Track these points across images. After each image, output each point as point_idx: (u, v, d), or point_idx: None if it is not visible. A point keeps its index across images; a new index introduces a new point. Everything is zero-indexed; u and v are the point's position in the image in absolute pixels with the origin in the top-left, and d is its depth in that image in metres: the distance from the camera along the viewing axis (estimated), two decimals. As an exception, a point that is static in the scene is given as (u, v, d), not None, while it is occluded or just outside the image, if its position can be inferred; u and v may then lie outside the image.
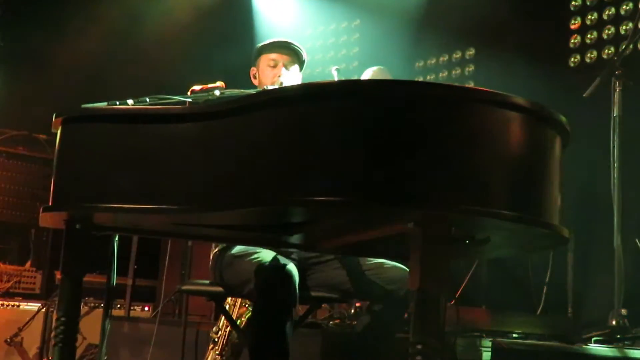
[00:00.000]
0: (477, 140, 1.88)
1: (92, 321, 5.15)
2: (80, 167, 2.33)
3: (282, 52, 3.28)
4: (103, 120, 2.35)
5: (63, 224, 2.45)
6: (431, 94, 1.90)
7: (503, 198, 1.91)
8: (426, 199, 1.83)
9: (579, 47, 5.49)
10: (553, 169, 2.05)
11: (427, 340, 1.90)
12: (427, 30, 6.21)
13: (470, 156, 1.86)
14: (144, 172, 2.22)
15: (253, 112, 2.03)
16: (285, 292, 2.65)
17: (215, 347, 3.56)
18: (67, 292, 2.48)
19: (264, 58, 3.30)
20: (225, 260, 2.94)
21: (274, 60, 3.27)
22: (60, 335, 2.42)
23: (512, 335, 4.17)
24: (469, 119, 1.88)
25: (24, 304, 5.56)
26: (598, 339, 3.38)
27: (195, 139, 2.15)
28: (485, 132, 1.90)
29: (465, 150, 1.86)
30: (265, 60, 3.29)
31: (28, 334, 5.39)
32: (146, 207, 2.19)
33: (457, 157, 1.85)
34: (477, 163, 1.87)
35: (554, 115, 2.04)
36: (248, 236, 2.65)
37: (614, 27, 5.33)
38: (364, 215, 2.07)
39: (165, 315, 5.34)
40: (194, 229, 2.63)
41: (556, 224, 2.04)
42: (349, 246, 2.69)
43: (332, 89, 1.98)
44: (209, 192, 2.08)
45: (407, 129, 1.85)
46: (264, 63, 3.30)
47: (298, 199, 1.90)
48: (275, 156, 1.95)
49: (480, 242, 2.17)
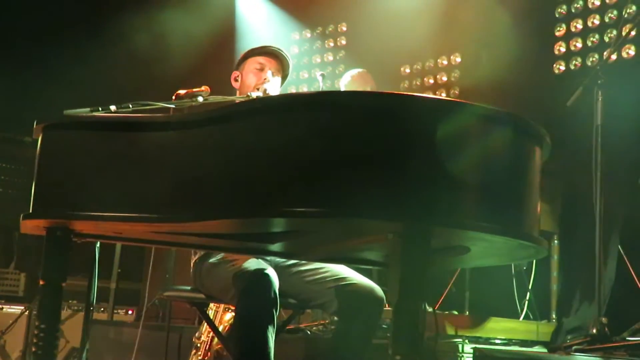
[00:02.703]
0: (456, 152, 1.89)
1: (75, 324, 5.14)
2: (61, 174, 2.33)
3: (270, 58, 3.23)
4: (84, 127, 2.35)
5: (44, 230, 2.44)
6: (410, 106, 1.91)
7: (482, 210, 1.92)
8: (404, 210, 1.84)
9: (564, 55, 5.52)
10: (532, 180, 2.06)
11: (405, 350, 1.91)
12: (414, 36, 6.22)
13: (448, 168, 1.87)
14: (124, 180, 2.22)
15: (233, 122, 2.03)
16: (265, 296, 2.64)
17: (198, 353, 3.55)
18: (48, 299, 2.47)
19: (251, 61, 3.24)
20: (205, 268, 2.93)
21: (262, 64, 3.21)
22: (39, 343, 2.41)
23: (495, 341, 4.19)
24: (447, 130, 1.88)
25: (7, 307, 5.53)
26: (578, 347, 3.39)
27: (175, 147, 2.15)
28: (463, 144, 1.91)
29: (444, 162, 1.87)
30: (252, 62, 3.23)
31: (11, 337, 5.37)
32: (126, 216, 2.19)
33: (435, 168, 1.86)
34: (455, 175, 1.88)
35: (533, 127, 2.05)
36: (229, 244, 2.64)
37: (598, 34, 5.36)
38: (343, 226, 2.07)
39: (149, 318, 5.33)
40: (176, 237, 2.62)
41: (535, 236, 2.05)
42: (330, 254, 2.69)
43: (309, 100, 1.99)
44: (188, 201, 2.08)
45: (384, 141, 1.86)
46: (249, 66, 3.23)
47: (277, 210, 1.91)
48: (254, 166, 1.96)
49: (460, 252, 2.18)
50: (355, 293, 2.83)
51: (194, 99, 2.99)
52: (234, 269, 2.74)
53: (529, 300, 4.85)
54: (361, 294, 2.83)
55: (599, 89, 3.75)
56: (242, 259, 2.79)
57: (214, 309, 3.51)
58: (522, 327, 4.66)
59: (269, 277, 2.66)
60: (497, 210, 1.94)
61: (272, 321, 2.67)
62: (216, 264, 2.89)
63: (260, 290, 2.66)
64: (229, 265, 2.79)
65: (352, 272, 2.91)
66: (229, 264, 2.80)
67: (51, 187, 2.35)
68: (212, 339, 3.51)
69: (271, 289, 2.65)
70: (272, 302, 2.65)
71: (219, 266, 2.87)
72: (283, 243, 2.51)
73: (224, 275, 2.77)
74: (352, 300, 2.82)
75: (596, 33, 5.38)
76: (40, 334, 2.41)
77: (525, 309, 4.84)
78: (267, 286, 2.64)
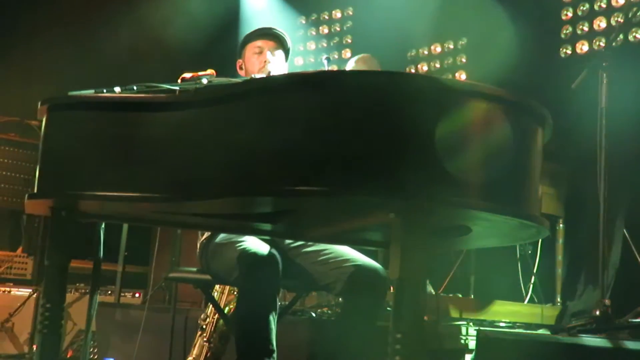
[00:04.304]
0: (457, 131, 1.89)
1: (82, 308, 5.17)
2: (65, 154, 2.33)
3: (266, 39, 3.30)
4: (88, 107, 2.35)
5: (49, 211, 2.46)
6: (411, 85, 1.91)
7: (483, 189, 1.92)
8: (405, 189, 1.85)
9: (570, 38, 5.50)
10: (534, 161, 2.06)
11: (407, 329, 1.92)
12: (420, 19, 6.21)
13: (450, 147, 1.87)
14: (128, 160, 2.23)
15: (236, 102, 2.04)
16: (268, 276, 2.66)
17: (203, 334, 3.57)
18: (53, 279, 2.48)
19: (250, 47, 3.32)
20: (211, 248, 2.95)
21: (259, 47, 3.28)
22: (45, 322, 2.43)
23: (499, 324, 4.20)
24: (449, 110, 1.88)
25: (15, 290, 5.57)
26: (582, 329, 3.40)
27: (181, 127, 2.16)
28: (465, 123, 1.91)
29: (445, 141, 1.87)
30: (251, 48, 3.31)
31: (19, 320, 5.41)
32: (130, 195, 2.20)
33: (436, 147, 1.86)
34: (456, 154, 1.88)
35: (536, 107, 2.05)
36: (233, 225, 2.66)
37: (605, 18, 5.34)
38: (345, 205, 2.08)
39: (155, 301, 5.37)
40: (180, 217, 2.64)
41: (536, 215, 2.06)
42: (334, 235, 2.70)
43: (314, 79, 1.99)
44: (192, 180, 2.09)
45: (386, 120, 1.86)
46: (249, 52, 3.32)
47: (280, 189, 1.92)
48: (258, 145, 1.96)
49: (461, 233, 2.19)
50: (359, 274, 2.83)
51: (199, 81, 3.01)
52: (240, 249, 2.76)
53: (533, 284, 4.86)
54: (365, 275, 2.83)
55: (604, 71, 3.73)
56: (248, 239, 2.81)
57: (219, 291, 3.53)
58: (527, 311, 4.67)
59: (273, 257, 2.68)
60: (497, 189, 1.93)
61: (275, 302, 2.69)
62: (222, 244, 2.91)
63: (263, 272, 2.68)
64: (235, 246, 2.81)
65: (356, 253, 2.92)
66: (235, 245, 2.82)
67: (56, 166, 2.36)
68: (217, 321, 3.53)
69: (274, 269, 2.67)
70: (275, 281, 2.67)
71: (224, 246, 2.88)
72: (287, 224, 2.53)
73: (230, 255, 2.79)
74: (356, 281, 2.83)
75: (603, 17, 5.36)
76: (46, 313, 2.43)
77: (530, 293, 4.85)
78: (271, 266, 2.66)
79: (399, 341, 1.91)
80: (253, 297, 2.67)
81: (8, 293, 5.55)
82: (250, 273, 2.67)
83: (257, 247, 2.74)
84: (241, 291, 2.75)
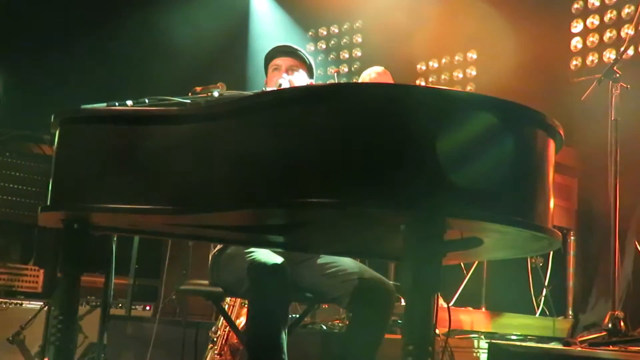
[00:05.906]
0: (469, 144, 1.89)
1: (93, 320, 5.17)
2: (78, 167, 2.35)
3: (283, 56, 3.30)
4: (101, 121, 2.38)
5: (61, 223, 2.47)
6: (422, 98, 1.92)
7: (494, 200, 1.92)
8: (417, 201, 1.85)
9: (580, 50, 5.50)
10: (545, 172, 2.06)
11: (418, 341, 1.92)
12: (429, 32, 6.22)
13: (461, 159, 1.87)
14: (140, 172, 2.24)
15: (247, 114, 2.05)
16: (277, 286, 2.67)
17: (214, 347, 3.58)
18: (65, 291, 2.49)
19: (270, 65, 3.33)
20: (222, 259, 2.97)
21: (277, 65, 3.29)
22: (57, 334, 2.44)
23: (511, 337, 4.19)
24: (460, 122, 1.89)
25: (26, 303, 5.58)
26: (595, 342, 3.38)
27: (191, 140, 2.17)
28: (476, 135, 1.91)
29: (457, 154, 1.87)
30: (271, 66, 3.32)
31: (30, 333, 5.40)
32: (142, 208, 2.21)
33: (448, 160, 1.86)
34: (468, 166, 1.88)
35: (548, 120, 2.05)
36: (245, 237, 2.67)
37: (615, 30, 5.34)
38: (357, 217, 2.08)
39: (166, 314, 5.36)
40: (192, 229, 2.65)
41: (548, 227, 2.05)
42: (346, 247, 2.70)
43: (324, 92, 1.99)
44: (204, 193, 2.09)
45: (397, 132, 1.87)
46: (270, 70, 3.33)
47: (292, 201, 1.92)
48: (270, 158, 1.97)
49: (473, 244, 2.19)
50: (365, 287, 2.85)
51: (210, 94, 3.03)
52: (250, 260, 2.77)
53: (545, 296, 4.84)
54: (370, 288, 2.85)
55: (615, 83, 3.73)
56: (259, 250, 2.82)
57: (229, 304, 3.54)
58: (538, 323, 4.65)
59: (282, 268, 2.69)
60: (509, 200, 1.94)
61: (285, 313, 2.70)
62: (233, 255, 2.92)
63: (272, 281, 2.68)
64: (244, 256, 2.82)
65: (362, 267, 2.94)
66: (245, 255, 2.83)
67: (68, 179, 2.37)
68: (228, 333, 3.54)
69: (283, 280, 2.67)
70: (284, 292, 2.67)
71: (235, 257, 2.90)
72: (297, 236, 2.53)
73: (240, 265, 2.80)
74: (362, 294, 2.84)
75: (613, 29, 5.36)
76: (58, 324, 2.44)
77: (542, 305, 4.83)
78: (280, 277, 2.67)
79: (411, 353, 1.90)
80: (263, 307, 2.68)
81: (19, 306, 5.56)
82: (259, 282, 2.68)
83: (267, 257, 2.75)
84: (251, 302, 2.75)
